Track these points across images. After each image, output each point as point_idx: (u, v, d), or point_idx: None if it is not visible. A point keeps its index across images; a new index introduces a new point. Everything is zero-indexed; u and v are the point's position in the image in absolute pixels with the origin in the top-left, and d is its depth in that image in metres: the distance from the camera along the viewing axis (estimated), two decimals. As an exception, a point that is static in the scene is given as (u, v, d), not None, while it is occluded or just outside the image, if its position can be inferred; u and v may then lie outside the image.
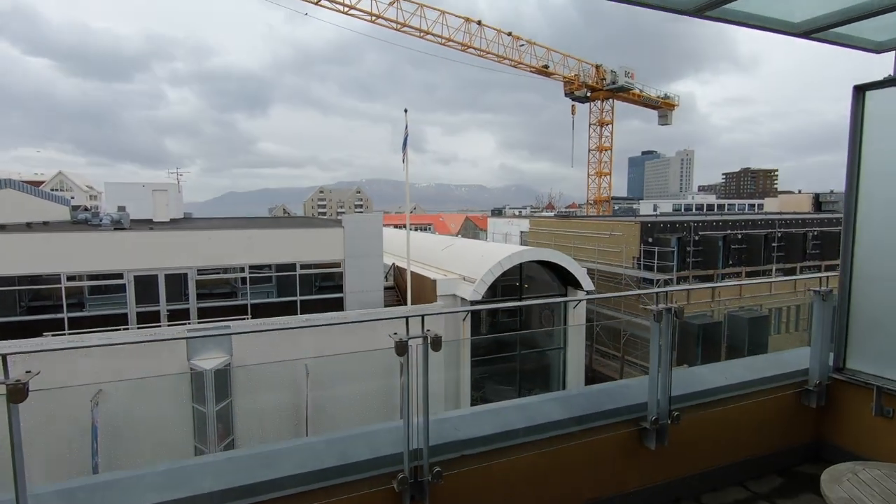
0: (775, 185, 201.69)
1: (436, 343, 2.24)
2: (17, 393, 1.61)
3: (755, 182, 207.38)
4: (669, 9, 2.28)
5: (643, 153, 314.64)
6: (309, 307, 15.75)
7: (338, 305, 16.02)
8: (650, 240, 23.84)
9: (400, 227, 30.37)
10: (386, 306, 16.50)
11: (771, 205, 58.80)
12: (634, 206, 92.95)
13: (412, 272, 17.22)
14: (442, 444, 2.45)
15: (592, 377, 22.58)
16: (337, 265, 16.00)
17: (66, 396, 10.75)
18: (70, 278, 13.62)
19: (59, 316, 13.49)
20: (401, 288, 18.84)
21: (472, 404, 16.42)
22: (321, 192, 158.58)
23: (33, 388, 1.68)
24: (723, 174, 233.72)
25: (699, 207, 71.33)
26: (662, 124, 56.87)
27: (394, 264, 19.76)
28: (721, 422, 3.26)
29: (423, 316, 2.32)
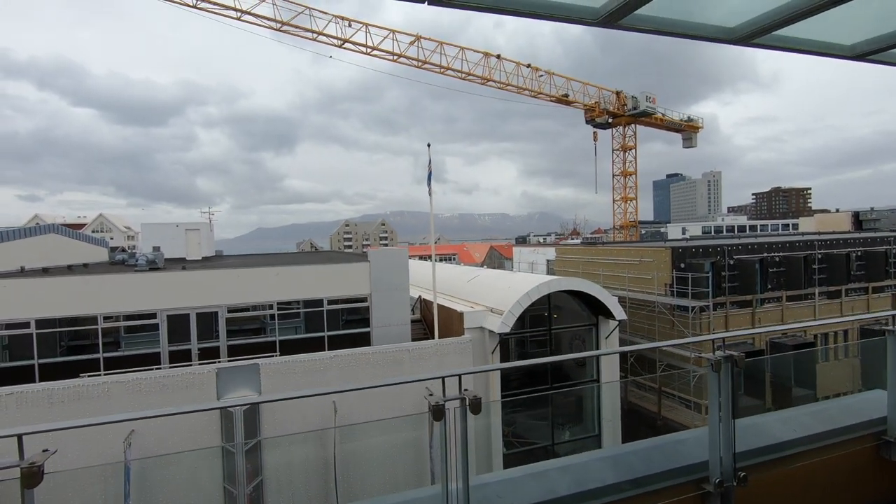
0: (809, 204, 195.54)
1: (475, 406, 2.05)
2: (32, 477, 1.50)
3: (787, 201, 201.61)
4: (720, 39, 2.14)
5: (668, 176, 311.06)
6: (336, 342, 15.67)
7: (365, 340, 15.89)
8: (682, 265, 23.11)
9: (425, 259, 30.37)
10: (413, 340, 16.28)
11: (807, 224, 56.73)
12: (662, 230, 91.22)
13: (439, 305, 17.03)
14: (485, 514, 2.23)
15: (628, 410, 21.62)
16: (364, 300, 15.96)
17: (98, 437, 10.83)
18: (107, 318, 13.93)
19: (96, 356, 13.75)
20: (427, 321, 18.63)
21: (503, 438, 15.85)
22: (346, 225, 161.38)
23: (50, 469, 1.57)
24: (753, 194, 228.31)
25: (730, 229, 69.44)
26: (687, 147, 56.18)
27: (420, 297, 19.63)
28: (792, 481, 2.92)
29: (460, 375, 2.15)
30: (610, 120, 51.32)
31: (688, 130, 54.85)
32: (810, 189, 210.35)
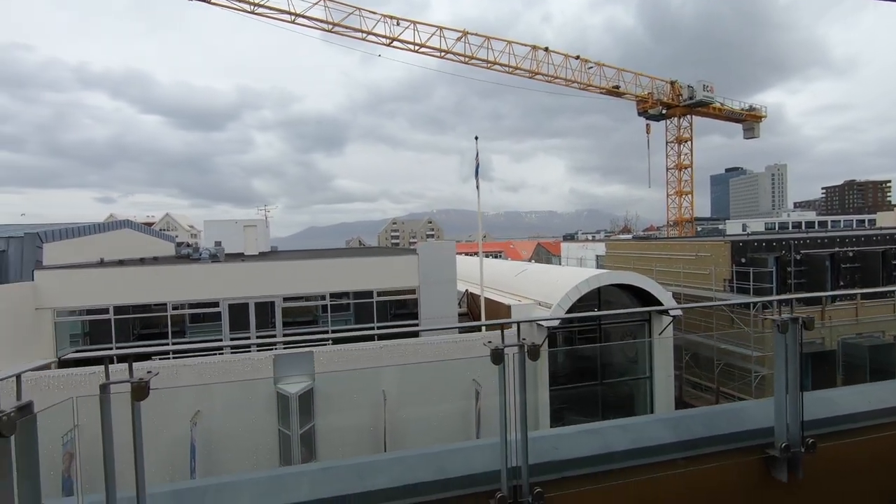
0: (888, 198, 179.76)
1: (533, 352, 2.11)
2: (140, 390, 1.71)
3: (863, 195, 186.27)
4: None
5: (727, 170, 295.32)
6: (385, 334, 16.06)
7: (413, 332, 16.17)
8: (743, 260, 21.95)
9: (471, 255, 30.43)
10: (460, 333, 16.40)
11: (886, 220, 52.27)
12: (720, 227, 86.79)
13: (486, 298, 17.06)
14: (541, 463, 2.28)
15: (683, 409, 20.77)
16: (412, 292, 16.24)
17: (168, 414, 11.62)
18: (174, 307, 14.93)
19: (165, 342, 14.76)
20: (474, 314, 18.70)
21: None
22: (394, 223, 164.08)
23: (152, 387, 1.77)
24: (822, 188, 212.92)
25: (796, 225, 65.02)
26: (749, 138, 53.21)
27: (467, 291, 19.73)
28: (863, 453, 2.77)
29: (518, 323, 2.20)
30: (664, 111, 49.39)
31: (749, 120, 51.92)
32: (890, 182, 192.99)
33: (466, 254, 36.63)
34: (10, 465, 1.43)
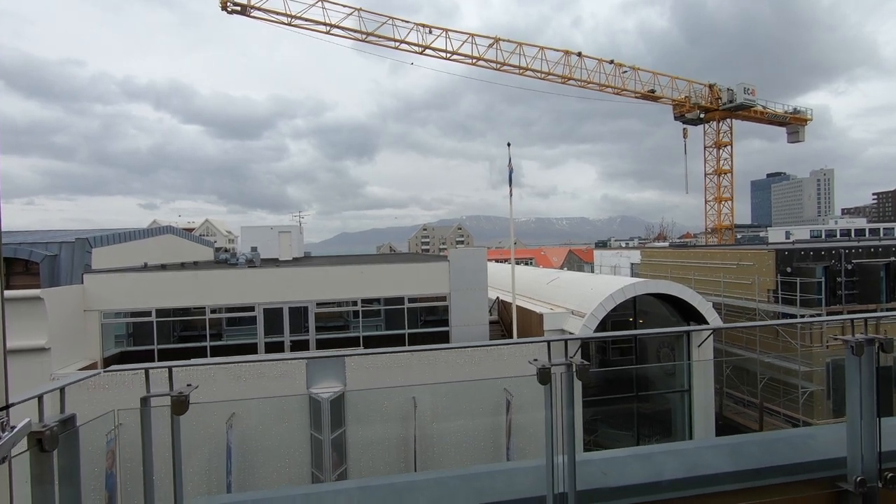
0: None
1: (582, 372, 1.99)
2: (180, 405, 1.68)
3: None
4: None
5: (769, 175, 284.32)
6: (416, 340, 16.03)
7: (443, 339, 16.09)
8: (789, 269, 20.92)
9: (502, 262, 30.18)
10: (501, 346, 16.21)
11: (945, 227, 49.07)
12: (762, 234, 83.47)
13: (518, 306, 16.82)
14: (589, 489, 2.14)
15: (724, 426, 19.86)
16: (443, 298, 16.17)
17: (206, 418, 11.89)
18: (212, 311, 15.32)
19: (203, 345, 15.17)
20: (505, 322, 18.47)
21: (584, 450, 15.23)
22: (424, 230, 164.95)
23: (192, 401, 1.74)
24: (873, 194, 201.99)
25: (845, 233, 61.75)
26: (793, 142, 51.06)
27: (498, 298, 19.53)
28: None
29: (566, 341, 2.08)
30: (702, 115, 47.96)
31: (794, 123, 49.83)
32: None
33: (497, 260, 36.36)
34: (53, 479, 1.42)
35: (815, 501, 2.35)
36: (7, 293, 12.84)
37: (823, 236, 61.12)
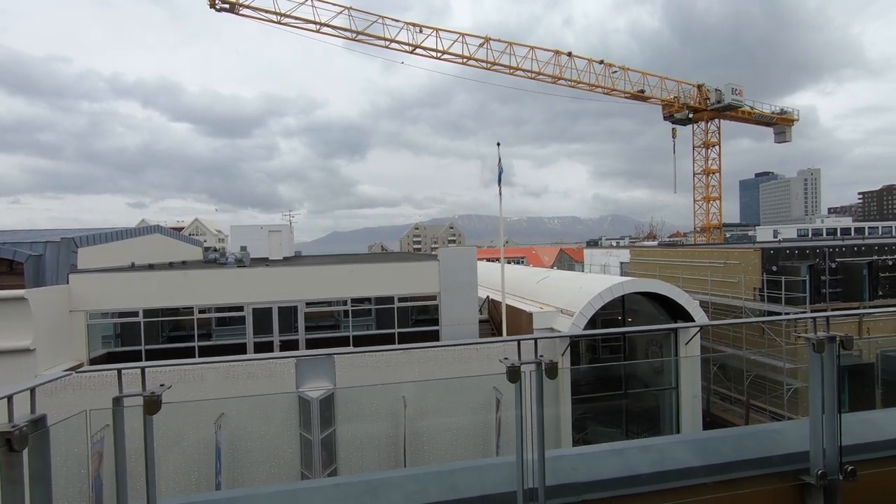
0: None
1: (551, 370, 2.03)
2: (152, 404, 1.70)
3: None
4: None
5: (757, 175, 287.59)
6: (406, 339, 16.05)
7: (434, 338, 16.12)
8: (774, 268, 21.22)
9: (493, 261, 30.28)
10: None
11: (928, 226, 49.96)
12: (750, 233, 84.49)
13: (507, 305, 16.90)
14: (559, 485, 2.19)
15: (711, 422, 20.12)
16: (433, 297, 16.21)
17: (194, 417, 11.82)
18: (201, 311, 15.23)
19: (192, 345, 15.07)
20: (495, 321, 18.55)
21: (573, 446, 15.36)
22: (416, 228, 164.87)
23: (165, 401, 1.77)
24: (859, 193, 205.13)
25: (831, 232, 62.70)
26: (780, 142, 51.70)
27: (488, 297, 19.59)
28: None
29: (535, 340, 2.13)
30: (690, 115, 48.41)
31: (781, 124, 50.45)
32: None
33: (488, 259, 36.46)
34: (23, 479, 1.44)
35: (780, 494, 2.42)
36: (-10, 294, 12.64)
37: (810, 235, 62.01)
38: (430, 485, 2.19)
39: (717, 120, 49.48)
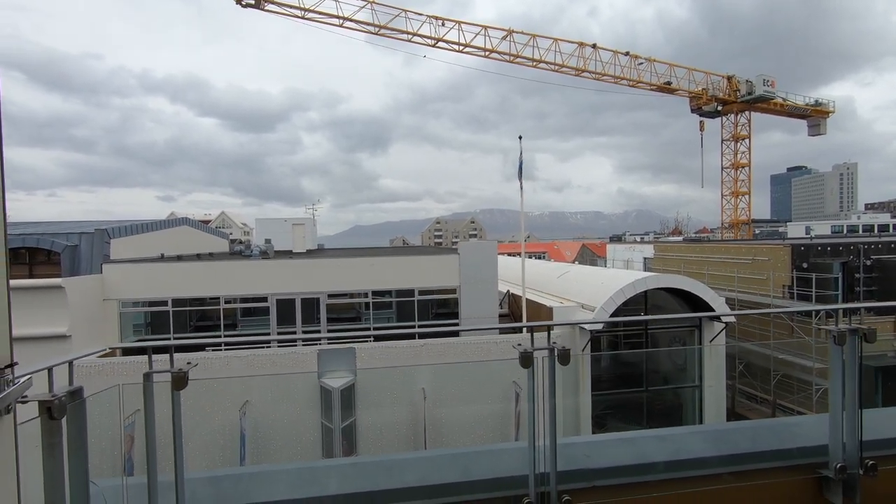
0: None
1: (563, 357, 2.06)
2: (180, 380, 1.80)
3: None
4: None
5: (789, 169, 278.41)
6: (427, 333, 16.17)
7: (450, 332, 16.19)
8: (805, 265, 20.58)
9: (514, 256, 30.17)
10: (500, 333, 16.29)
11: (972, 223, 47.61)
12: (780, 230, 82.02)
13: (527, 299, 16.84)
14: (570, 470, 2.22)
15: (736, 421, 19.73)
16: (453, 291, 16.27)
17: (220, 404, 12.18)
18: (227, 301, 15.64)
19: (218, 334, 15.50)
20: (515, 315, 18.51)
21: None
22: (437, 223, 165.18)
23: (193, 377, 1.86)
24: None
25: (867, 228, 60.30)
26: (814, 135, 49.90)
27: (508, 291, 19.56)
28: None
29: (549, 327, 2.16)
30: (719, 108, 47.11)
31: (815, 116, 48.68)
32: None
33: (509, 254, 36.32)
34: (62, 446, 1.55)
35: (797, 486, 2.40)
36: (29, 281, 13.25)
37: (845, 232, 59.75)
38: (444, 466, 2.25)
39: (747, 112, 48.03)
